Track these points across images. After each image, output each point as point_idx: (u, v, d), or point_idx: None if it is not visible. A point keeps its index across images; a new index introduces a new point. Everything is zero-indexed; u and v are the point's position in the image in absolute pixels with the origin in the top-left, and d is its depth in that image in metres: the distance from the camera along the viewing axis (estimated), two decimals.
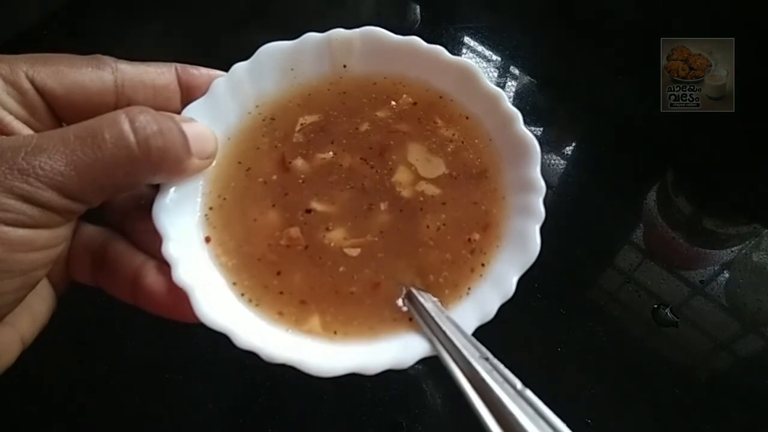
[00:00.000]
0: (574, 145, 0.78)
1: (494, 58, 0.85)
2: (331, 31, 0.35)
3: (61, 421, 0.53)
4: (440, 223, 0.34)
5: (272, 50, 0.35)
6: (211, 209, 0.33)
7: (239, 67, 0.34)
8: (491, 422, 0.24)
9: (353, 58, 0.36)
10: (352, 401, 0.53)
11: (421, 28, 0.89)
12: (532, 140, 0.33)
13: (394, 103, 0.37)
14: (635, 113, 0.80)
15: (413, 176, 0.35)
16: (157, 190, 0.31)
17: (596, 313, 0.62)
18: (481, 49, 0.86)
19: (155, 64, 0.32)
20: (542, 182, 0.32)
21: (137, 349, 0.56)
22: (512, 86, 0.83)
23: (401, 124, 0.36)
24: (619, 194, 0.72)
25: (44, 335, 0.32)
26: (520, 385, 0.25)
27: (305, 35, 0.35)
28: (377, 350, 0.30)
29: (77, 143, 0.25)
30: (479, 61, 0.84)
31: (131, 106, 0.29)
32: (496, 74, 0.84)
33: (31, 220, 0.25)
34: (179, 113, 0.32)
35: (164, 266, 0.30)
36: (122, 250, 0.32)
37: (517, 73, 0.84)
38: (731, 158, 0.75)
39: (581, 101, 0.83)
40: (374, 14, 0.93)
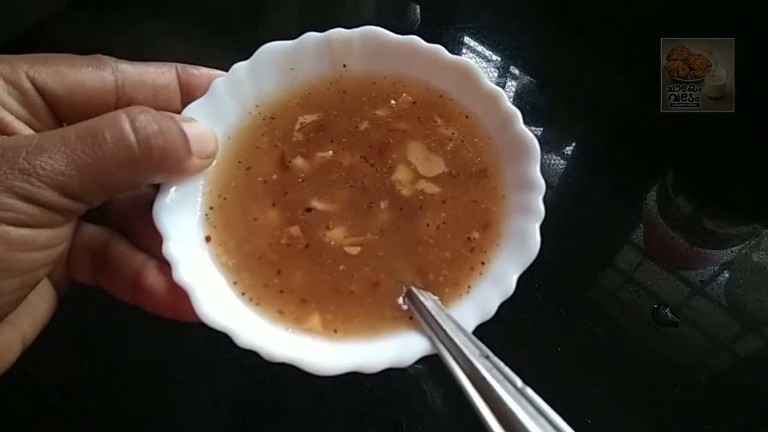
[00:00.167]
0: (574, 145, 0.78)
1: (494, 58, 0.85)
2: (330, 30, 0.35)
3: (61, 421, 0.53)
4: (440, 221, 0.34)
5: (272, 50, 0.35)
6: (211, 209, 0.33)
7: (239, 66, 0.34)
8: (491, 420, 0.24)
9: (353, 57, 0.36)
10: (352, 401, 0.53)
11: (421, 28, 0.89)
12: (531, 139, 0.33)
13: (393, 102, 0.37)
14: (635, 113, 0.79)
15: (413, 175, 0.35)
16: (157, 189, 0.31)
17: (596, 313, 0.62)
18: (481, 49, 0.85)
19: (155, 64, 0.32)
20: (542, 181, 0.32)
21: (137, 349, 0.55)
22: (512, 86, 0.83)
23: (401, 122, 0.36)
24: (619, 194, 0.72)
25: (45, 335, 0.32)
26: (520, 383, 0.25)
27: (305, 35, 0.35)
28: (377, 349, 0.30)
29: (78, 143, 0.26)
30: (479, 61, 0.84)
31: (132, 106, 0.29)
32: (496, 74, 0.84)
33: (32, 219, 0.25)
34: (179, 113, 0.32)
35: (165, 266, 0.30)
36: (123, 249, 0.32)
37: (517, 73, 0.84)
38: (731, 158, 0.75)
39: (581, 101, 0.83)
40: (374, 14, 0.93)
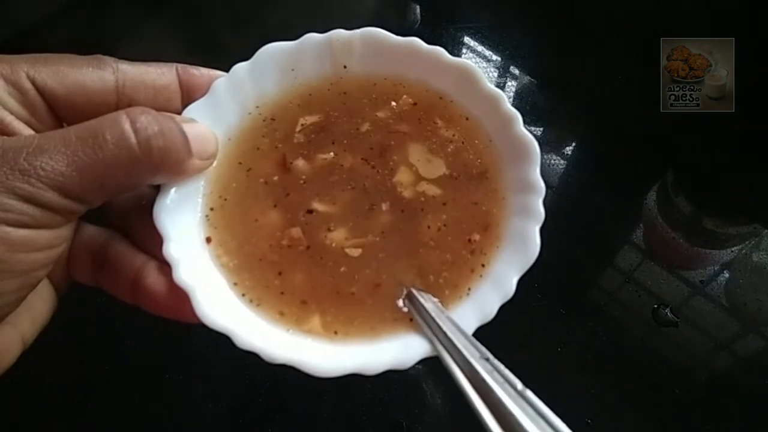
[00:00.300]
0: (574, 145, 0.78)
1: (494, 58, 0.85)
2: (331, 31, 0.35)
3: (61, 421, 0.52)
4: (441, 223, 0.34)
5: (273, 51, 0.35)
6: (212, 210, 0.33)
7: (240, 67, 0.34)
8: (492, 423, 0.24)
9: (354, 58, 0.36)
10: (352, 401, 0.53)
11: (421, 28, 0.89)
12: (531, 141, 0.33)
13: (394, 103, 0.37)
14: (635, 113, 0.79)
15: (414, 176, 0.35)
16: (157, 190, 0.31)
17: (596, 313, 0.62)
18: (481, 49, 0.85)
19: (156, 64, 0.32)
20: (542, 183, 0.32)
21: (137, 349, 0.55)
22: (512, 86, 0.83)
23: (402, 124, 0.36)
24: (619, 194, 0.72)
25: (45, 335, 0.32)
26: (520, 385, 0.25)
27: (306, 36, 0.35)
28: (378, 350, 0.30)
29: (78, 144, 0.26)
30: (479, 61, 0.84)
31: (132, 106, 0.29)
32: (496, 74, 0.83)
33: (32, 220, 0.25)
34: (180, 114, 0.32)
35: (165, 267, 0.30)
36: (123, 250, 0.32)
37: (517, 73, 0.84)
38: (731, 158, 0.75)
39: (581, 101, 0.83)
40: (374, 14, 0.93)
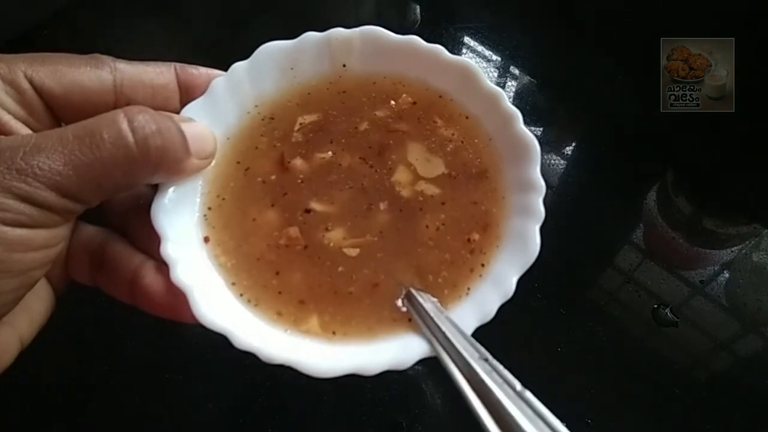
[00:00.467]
0: (574, 145, 0.77)
1: (494, 58, 0.85)
2: (330, 30, 0.35)
3: (61, 421, 0.52)
4: (440, 223, 0.34)
5: (271, 50, 0.35)
6: (210, 209, 0.33)
7: (238, 66, 0.34)
8: (490, 424, 0.24)
9: (353, 57, 0.36)
10: (352, 401, 0.53)
11: (421, 28, 0.89)
12: (532, 140, 0.33)
13: (393, 102, 0.37)
14: (635, 113, 0.79)
15: (413, 176, 0.35)
16: (155, 190, 0.31)
17: (596, 313, 0.61)
18: (481, 49, 0.85)
19: (154, 63, 0.32)
20: (542, 182, 0.32)
21: (137, 349, 0.55)
22: (512, 86, 0.83)
23: (401, 123, 0.36)
24: (619, 194, 0.72)
25: (44, 335, 0.32)
26: (519, 386, 0.25)
27: (305, 34, 0.35)
28: (376, 351, 0.30)
29: (76, 143, 0.25)
30: (479, 61, 0.84)
31: (130, 105, 0.29)
32: (496, 74, 0.83)
33: (29, 219, 0.25)
34: (178, 113, 0.32)
35: (163, 266, 0.30)
36: (121, 250, 0.32)
37: (517, 73, 0.84)
38: (731, 158, 0.75)
39: (581, 101, 0.82)
40: (374, 14, 0.93)
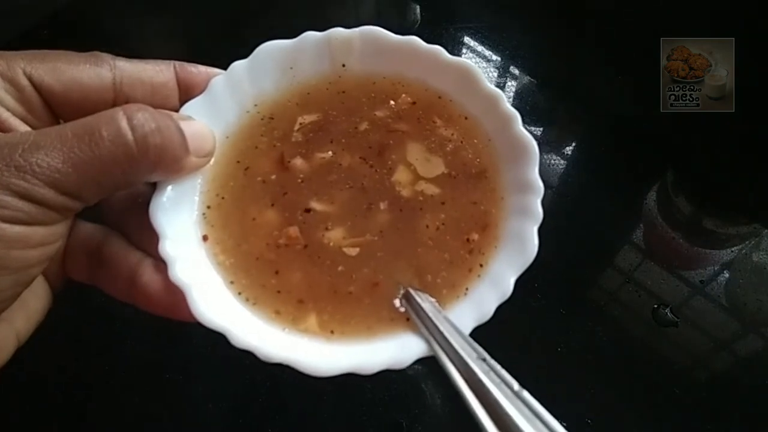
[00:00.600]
0: (574, 145, 0.77)
1: (494, 58, 0.84)
2: (330, 30, 0.35)
3: (61, 421, 0.52)
4: (439, 222, 0.33)
5: (271, 49, 0.34)
6: (209, 208, 0.33)
7: (238, 65, 0.34)
8: (488, 424, 0.24)
9: (352, 57, 0.36)
10: (352, 401, 0.53)
11: (421, 28, 0.89)
12: (530, 141, 0.33)
13: (393, 102, 0.37)
14: (635, 113, 0.79)
15: (412, 176, 0.35)
16: (154, 188, 0.31)
17: (596, 313, 0.61)
18: (481, 49, 0.85)
19: (154, 61, 0.32)
20: (540, 183, 0.32)
21: (137, 348, 0.55)
22: (512, 86, 0.83)
23: (400, 123, 0.36)
24: (619, 194, 0.71)
25: (44, 335, 0.32)
26: (517, 386, 0.25)
27: (304, 34, 0.35)
28: (374, 350, 0.30)
29: (75, 140, 0.25)
30: (479, 61, 0.84)
31: (129, 103, 0.29)
32: (496, 74, 0.83)
33: (27, 217, 0.25)
34: (177, 111, 0.32)
35: (161, 265, 0.30)
36: (119, 248, 0.32)
37: (517, 73, 0.84)
38: (731, 158, 0.75)
39: (581, 101, 0.82)
40: (374, 14, 0.93)
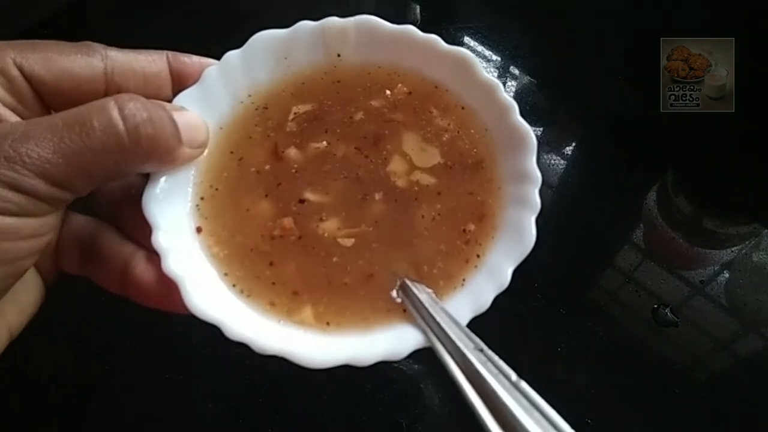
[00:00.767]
0: (574, 145, 0.77)
1: (494, 58, 0.85)
2: (325, 19, 0.35)
3: (61, 421, 0.52)
4: (435, 213, 0.33)
5: (265, 38, 0.34)
6: (202, 199, 0.33)
7: (232, 55, 0.33)
8: (486, 415, 0.24)
9: (347, 46, 0.36)
10: (352, 401, 0.53)
11: (421, 28, 0.88)
12: (528, 130, 0.32)
13: (388, 92, 0.36)
14: (635, 113, 0.79)
15: (408, 166, 0.34)
16: (147, 179, 0.30)
17: (596, 313, 0.61)
18: (481, 49, 0.85)
19: (146, 51, 0.31)
20: (538, 173, 0.32)
21: (137, 348, 0.55)
22: (512, 86, 0.83)
23: (396, 113, 0.36)
24: (619, 194, 0.72)
25: (44, 335, 0.32)
26: (515, 376, 0.25)
27: (299, 23, 0.35)
28: (370, 341, 0.30)
29: (65, 130, 0.25)
30: (479, 61, 0.84)
31: (121, 93, 0.28)
32: (496, 74, 0.83)
33: (17, 208, 0.25)
34: (170, 102, 0.32)
35: (154, 257, 0.29)
36: (111, 240, 0.31)
37: (517, 73, 0.84)
38: (731, 158, 0.75)
39: (581, 101, 0.82)
40: (374, 14, 0.93)
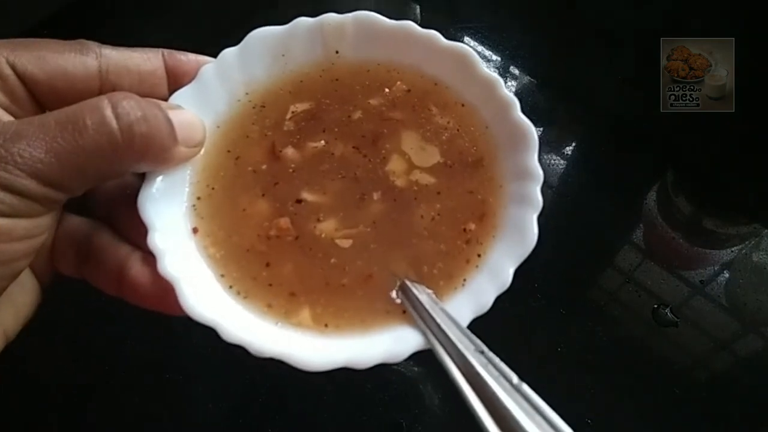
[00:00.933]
0: (574, 145, 0.77)
1: (494, 58, 0.85)
2: (323, 15, 0.34)
3: (61, 421, 0.52)
4: (435, 212, 0.33)
5: (263, 35, 0.34)
6: (199, 199, 0.32)
7: (228, 52, 0.33)
8: (486, 418, 0.24)
9: (346, 43, 0.35)
10: (352, 401, 0.53)
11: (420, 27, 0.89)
12: (529, 127, 0.32)
13: (387, 90, 0.36)
14: (635, 113, 0.79)
15: (407, 165, 0.34)
16: (143, 179, 0.30)
17: (596, 313, 0.61)
18: (481, 49, 0.85)
19: (141, 49, 0.31)
20: (540, 170, 0.31)
21: (137, 349, 0.55)
22: (512, 86, 0.83)
23: (395, 111, 0.35)
24: (619, 194, 0.72)
25: (44, 335, 0.32)
26: (516, 379, 0.25)
27: (296, 20, 0.34)
28: (369, 343, 0.29)
29: (58, 130, 0.25)
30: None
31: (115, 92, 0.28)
32: (496, 74, 0.83)
33: (9, 209, 0.24)
34: (166, 100, 0.31)
35: (150, 258, 0.29)
36: (107, 241, 0.31)
37: (517, 73, 0.84)
38: (731, 158, 0.75)
39: (581, 101, 0.82)
40: None
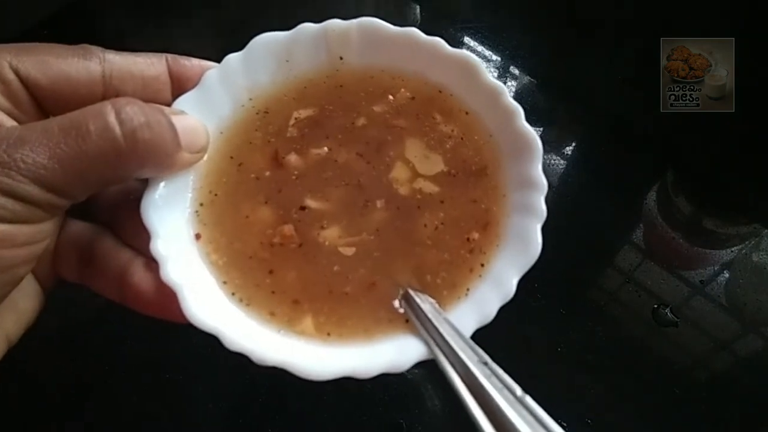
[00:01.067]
0: (574, 145, 0.77)
1: (494, 58, 0.84)
2: (327, 21, 0.34)
3: (60, 421, 0.52)
4: (438, 221, 0.33)
5: (267, 40, 0.33)
6: (201, 205, 0.32)
7: (232, 57, 0.33)
8: (489, 430, 0.23)
9: (350, 49, 0.35)
10: (352, 401, 0.53)
11: (421, 28, 0.88)
12: (533, 136, 0.32)
13: (391, 97, 0.36)
14: (635, 113, 0.79)
15: (411, 173, 0.34)
16: (146, 185, 0.30)
17: (596, 313, 0.61)
18: (481, 49, 0.85)
19: (145, 54, 0.31)
20: (544, 179, 0.31)
21: (136, 348, 0.55)
22: (512, 86, 0.83)
23: (399, 119, 0.35)
24: (619, 194, 0.72)
25: (44, 335, 0.31)
26: (519, 391, 0.24)
27: (301, 25, 0.34)
28: (372, 353, 0.29)
29: (61, 135, 0.25)
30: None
31: (119, 97, 0.28)
32: (496, 74, 0.83)
33: (12, 214, 0.24)
34: (170, 106, 0.31)
35: (152, 264, 0.29)
36: (110, 246, 0.31)
37: (517, 73, 0.84)
38: (731, 158, 0.75)
39: (581, 101, 0.82)
40: (374, 14, 0.93)
